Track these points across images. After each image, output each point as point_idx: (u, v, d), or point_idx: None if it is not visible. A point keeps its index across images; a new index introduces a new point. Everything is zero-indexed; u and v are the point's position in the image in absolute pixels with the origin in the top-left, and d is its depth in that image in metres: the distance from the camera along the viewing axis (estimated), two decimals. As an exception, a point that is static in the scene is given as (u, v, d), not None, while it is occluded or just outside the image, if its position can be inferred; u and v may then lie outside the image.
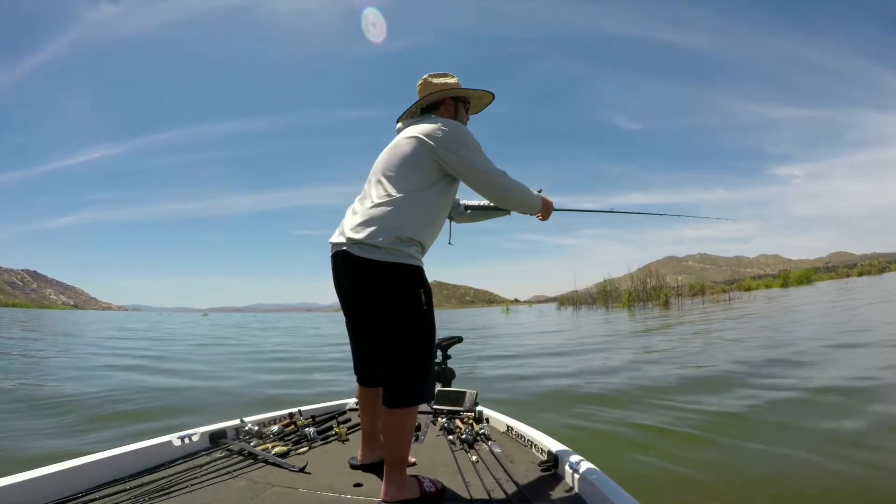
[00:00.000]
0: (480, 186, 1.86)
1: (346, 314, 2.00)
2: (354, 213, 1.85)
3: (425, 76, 2.07)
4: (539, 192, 2.07)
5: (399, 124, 2.07)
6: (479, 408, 2.83)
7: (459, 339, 3.44)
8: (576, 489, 1.81)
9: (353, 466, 2.07)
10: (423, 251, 1.86)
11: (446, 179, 1.88)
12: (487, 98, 2.14)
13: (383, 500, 1.73)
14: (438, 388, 3.10)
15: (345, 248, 1.77)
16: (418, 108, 2.07)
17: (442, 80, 2.04)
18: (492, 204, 2.23)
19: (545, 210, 2.09)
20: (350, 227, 1.78)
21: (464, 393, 2.95)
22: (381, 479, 1.79)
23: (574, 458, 1.92)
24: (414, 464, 2.10)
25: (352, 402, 3.19)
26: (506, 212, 2.33)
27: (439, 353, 3.61)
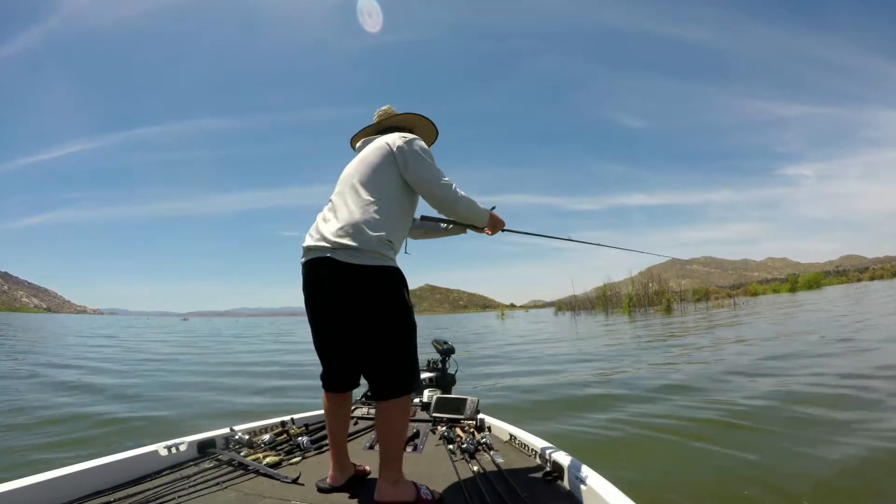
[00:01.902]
0: (428, 194, 2.03)
1: (318, 321, 1.99)
2: (327, 220, 1.94)
3: (386, 106, 2.29)
4: (492, 208, 2.27)
5: (359, 143, 2.25)
6: (480, 416, 2.82)
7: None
8: (582, 501, 1.79)
9: (323, 490, 1.95)
10: (395, 253, 1.99)
11: (409, 187, 2.04)
12: (433, 133, 2.38)
13: (376, 500, 1.78)
14: (438, 395, 3.10)
15: (328, 254, 1.84)
16: (374, 131, 2.27)
17: (402, 114, 2.27)
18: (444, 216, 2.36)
19: (492, 226, 2.31)
20: (331, 232, 1.86)
21: (464, 400, 2.93)
22: (371, 488, 1.83)
23: (580, 467, 1.90)
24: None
25: None
26: (461, 230, 2.46)
27: (439, 357, 3.62)
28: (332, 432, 2.03)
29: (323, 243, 1.86)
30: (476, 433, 2.60)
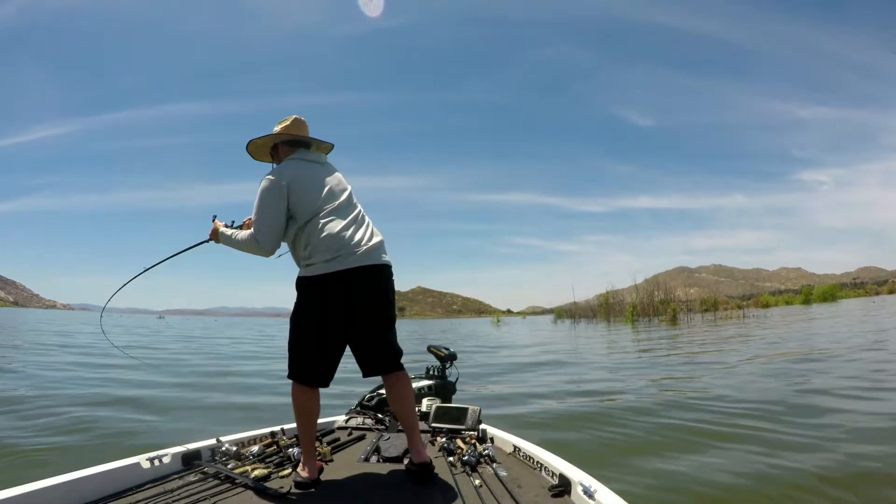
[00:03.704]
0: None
1: (332, 322, 2.25)
2: (348, 228, 2.30)
3: (302, 119, 2.56)
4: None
5: (313, 147, 2.58)
6: (482, 426, 2.82)
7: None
8: None
9: (304, 485, 2.11)
10: None
11: None
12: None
13: (425, 462, 2.18)
14: (437, 403, 3.10)
15: (372, 260, 2.28)
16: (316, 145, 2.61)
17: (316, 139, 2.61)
18: None
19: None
20: (366, 241, 2.31)
21: (465, 409, 2.93)
22: (367, 502, 2.02)
23: (588, 481, 1.90)
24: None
25: (340, 419, 3.17)
26: None
27: (438, 364, 3.62)
28: (310, 426, 2.28)
29: (362, 248, 2.27)
30: (478, 444, 2.60)
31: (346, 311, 2.25)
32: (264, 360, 14.29)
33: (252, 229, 2.35)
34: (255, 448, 2.49)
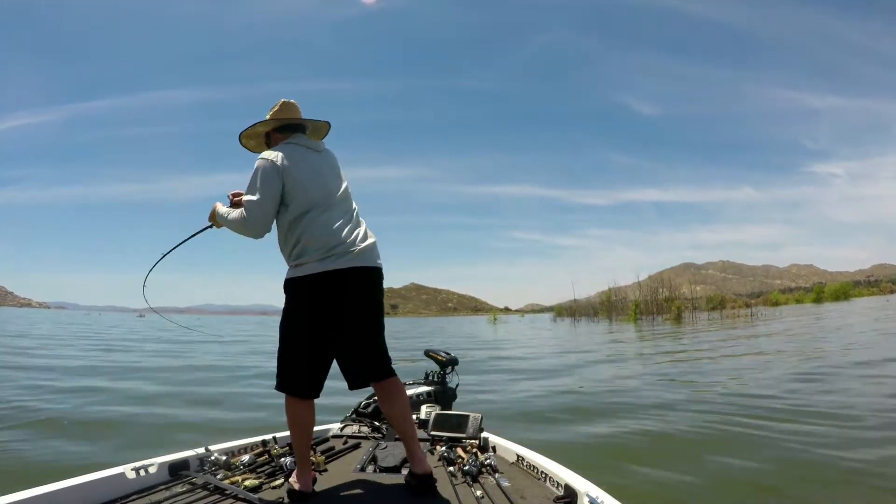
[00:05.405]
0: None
1: (323, 330, 2.22)
2: (343, 226, 2.28)
3: (294, 102, 2.53)
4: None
5: (309, 131, 2.54)
6: (484, 434, 2.82)
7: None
8: None
9: (301, 496, 2.11)
10: None
11: None
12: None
13: (426, 474, 2.15)
14: (437, 410, 3.10)
15: (362, 261, 2.25)
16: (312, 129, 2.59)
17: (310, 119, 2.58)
18: None
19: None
20: (360, 241, 2.28)
21: (466, 417, 2.93)
22: None
23: (595, 492, 1.91)
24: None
25: (335, 427, 3.17)
26: None
27: (438, 370, 3.62)
28: (307, 438, 2.27)
29: (357, 248, 2.24)
30: (479, 453, 2.60)
31: (337, 314, 2.21)
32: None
33: (243, 209, 2.30)
34: (245, 457, 2.49)
